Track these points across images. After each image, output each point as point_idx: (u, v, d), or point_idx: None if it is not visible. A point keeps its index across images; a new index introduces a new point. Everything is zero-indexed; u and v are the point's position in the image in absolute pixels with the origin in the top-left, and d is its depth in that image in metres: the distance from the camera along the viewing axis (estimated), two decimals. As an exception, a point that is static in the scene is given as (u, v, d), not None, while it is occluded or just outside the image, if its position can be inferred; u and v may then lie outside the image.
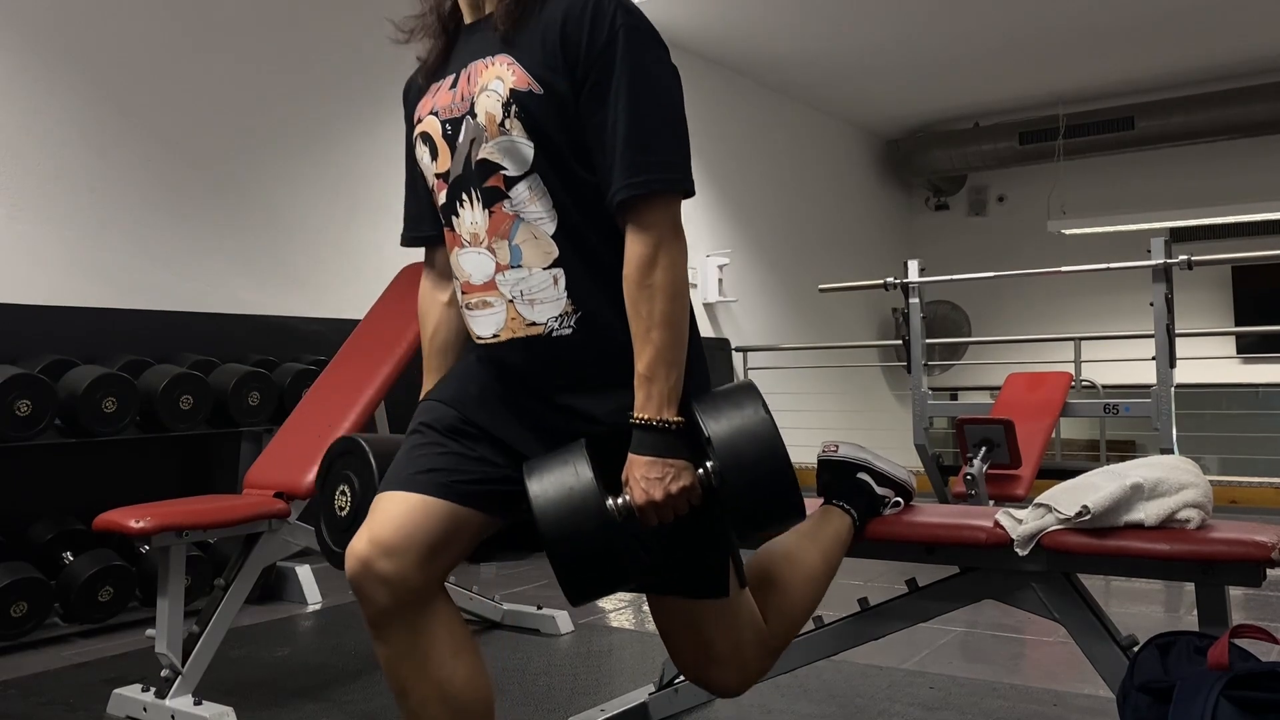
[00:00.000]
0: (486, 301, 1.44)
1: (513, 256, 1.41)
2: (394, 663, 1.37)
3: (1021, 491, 4.39)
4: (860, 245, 9.32)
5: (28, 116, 3.71)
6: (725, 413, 1.35)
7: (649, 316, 1.34)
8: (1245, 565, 1.54)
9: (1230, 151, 8.58)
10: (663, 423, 1.34)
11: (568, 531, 1.30)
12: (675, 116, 1.39)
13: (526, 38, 1.39)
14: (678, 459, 1.34)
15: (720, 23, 6.73)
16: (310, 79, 4.67)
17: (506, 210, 1.40)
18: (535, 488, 1.32)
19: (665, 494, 1.32)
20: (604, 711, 2.26)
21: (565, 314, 1.40)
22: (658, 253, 1.35)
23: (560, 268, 1.40)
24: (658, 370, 1.34)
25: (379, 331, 3.26)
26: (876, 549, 1.88)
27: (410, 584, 1.34)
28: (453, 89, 1.45)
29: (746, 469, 1.32)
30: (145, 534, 2.38)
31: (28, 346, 3.56)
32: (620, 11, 1.36)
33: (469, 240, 1.44)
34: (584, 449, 1.35)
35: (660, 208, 1.36)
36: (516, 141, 1.37)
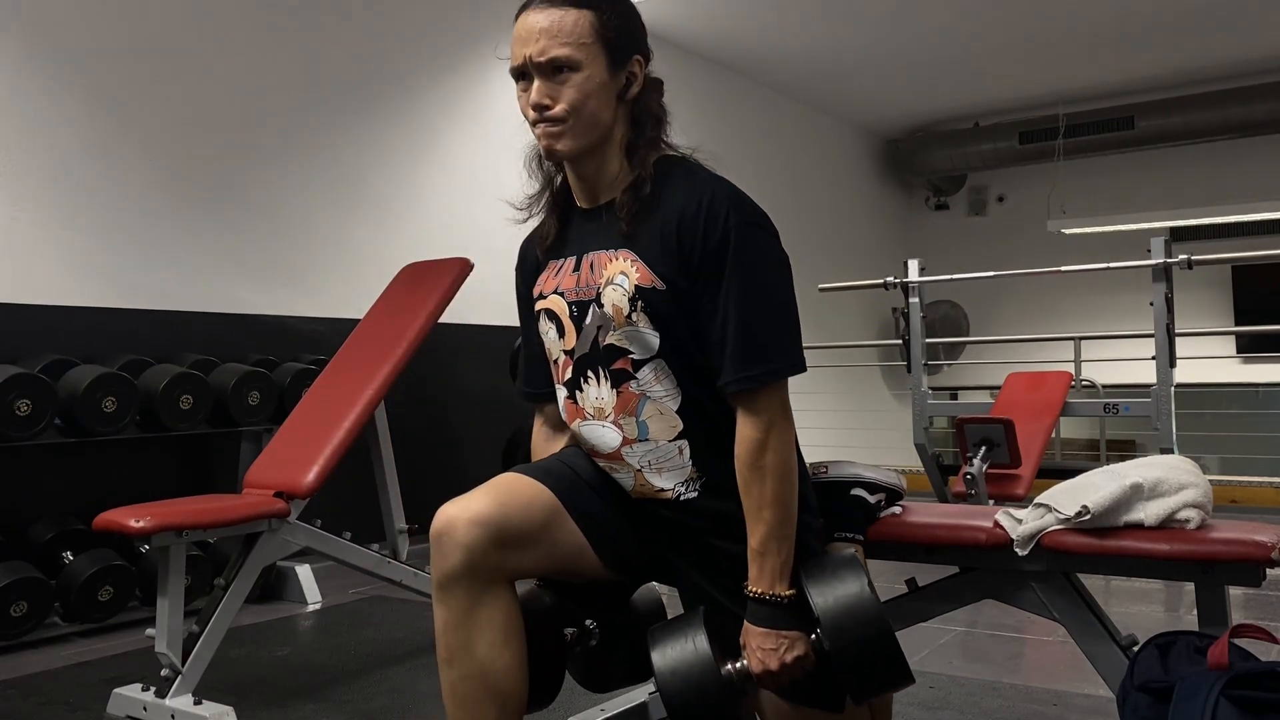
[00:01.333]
0: (613, 468, 1.55)
1: (640, 431, 1.51)
2: (448, 630, 1.43)
3: (1021, 491, 4.38)
4: (860, 245, 9.32)
5: (28, 117, 3.71)
6: (831, 588, 1.43)
7: (760, 496, 1.43)
8: (1245, 565, 1.53)
9: (1230, 151, 8.58)
10: (775, 597, 1.43)
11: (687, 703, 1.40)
12: (785, 306, 1.48)
13: (646, 233, 1.48)
14: (791, 630, 1.42)
15: (720, 23, 6.73)
16: (310, 79, 4.66)
17: (634, 390, 1.50)
18: (658, 658, 1.43)
19: (780, 664, 1.41)
20: (604, 711, 2.26)
21: (691, 479, 1.52)
22: (768, 437, 1.43)
23: (685, 439, 1.50)
24: (769, 546, 1.43)
25: (379, 331, 3.26)
26: (876, 549, 1.88)
27: (486, 559, 1.40)
28: (575, 272, 1.55)
29: (853, 645, 1.40)
30: (145, 534, 2.38)
31: (28, 346, 3.56)
32: (732, 211, 1.45)
33: (593, 414, 1.54)
34: (701, 618, 1.45)
35: (770, 394, 1.44)
36: (642, 331, 1.48)
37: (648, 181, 1.49)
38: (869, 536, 1.85)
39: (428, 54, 5.15)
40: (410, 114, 5.07)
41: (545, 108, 1.46)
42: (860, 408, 8.55)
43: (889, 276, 5.06)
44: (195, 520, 2.47)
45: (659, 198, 1.49)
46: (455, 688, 1.43)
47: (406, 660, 2.95)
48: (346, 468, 3.00)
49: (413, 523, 3.76)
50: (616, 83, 1.50)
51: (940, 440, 7.17)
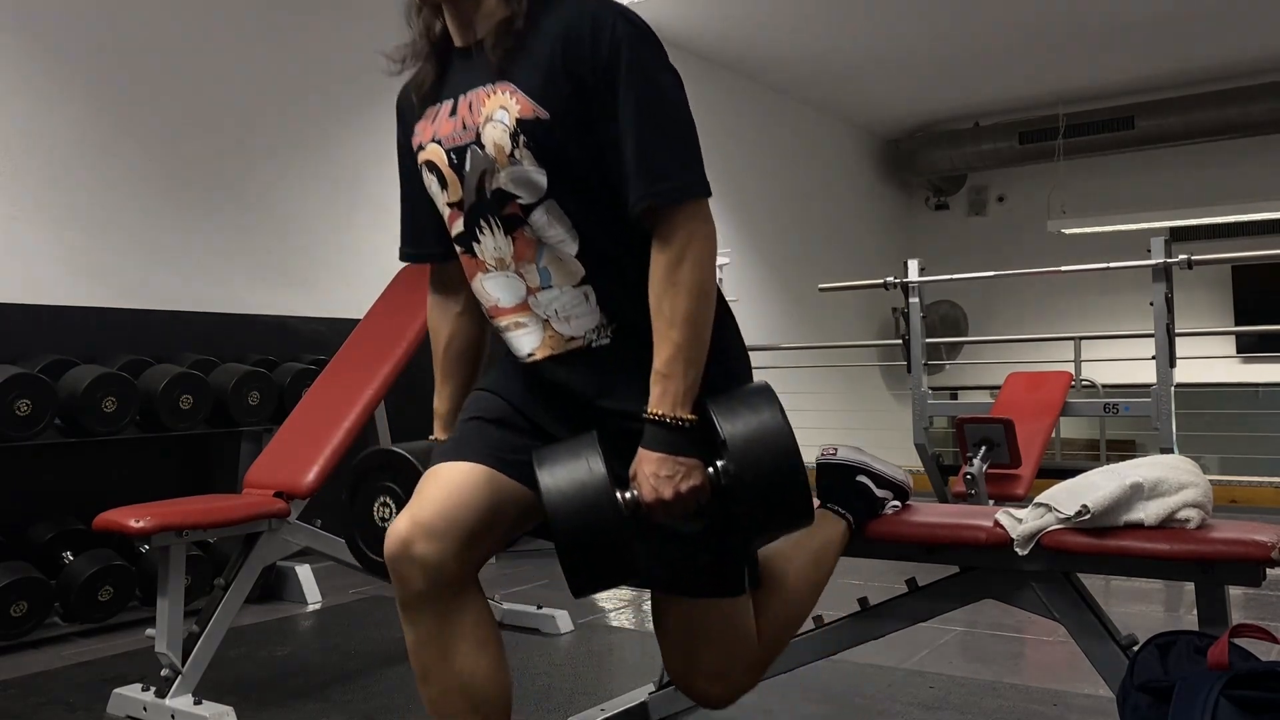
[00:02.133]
0: (520, 322, 1.46)
1: (542, 278, 1.42)
2: (420, 648, 1.39)
3: (1021, 491, 4.38)
4: (860, 245, 9.32)
5: (28, 117, 3.71)
6: (741, 415, 1.34)
7: (671, 313, 1.34)
8: (1245, 565, 1.53)
9: (1230, 151, 8.58)
10: (676, 420, 1.33)
11: (578, 525, 1.29)
12: (684, 121, 1.38)
13: (525, 62, 1.38)
14: (689, 457, 1.33)
15: (720, 23, 6.73)
16: (310, 79, 4.66)
17: (529, 235, 1.41)
18: (547, 479, 1.31)
19: (675, 492, 1.32)
20: (604, 711, 2.26)
21: (601, 325, 1.43)
22: (685, 252, 1.34)
23: (589, 284, 1.41)
24: (675, 367, 1.34)
25: (379, 331, 3.26)
26: (876, 549, 1.88)
27: (446, 570, 1.34)
28: (453, 116, 1.44)
29: (760, 473, 1.31)
30: (145, 534, 2.38)
31: (28, 346, 3.56)
32: (620, 21, 1.36)
33: (494, 265, 1.45)
34: (596, 440, 1.34)
35: (684, 211, 1.36)
36: (528, 170, 1.37)
37: (520, 15, 1.39)
38: (869, 533, 1.85)
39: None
40: (410, 114, 5.06)
41: None
42: (860, 408, 8.54)
43: (889, 276, 5.06)
44: (195, 520, 2.46)
45: (535, 24, 1.39)
46: (436, 703, 1.39)
47: (406, 660, 2.94)
48: (347, 468, 3.00)
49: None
50: None
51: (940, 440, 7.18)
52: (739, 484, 1.32)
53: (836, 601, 1.95)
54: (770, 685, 2.44)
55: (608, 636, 3.17)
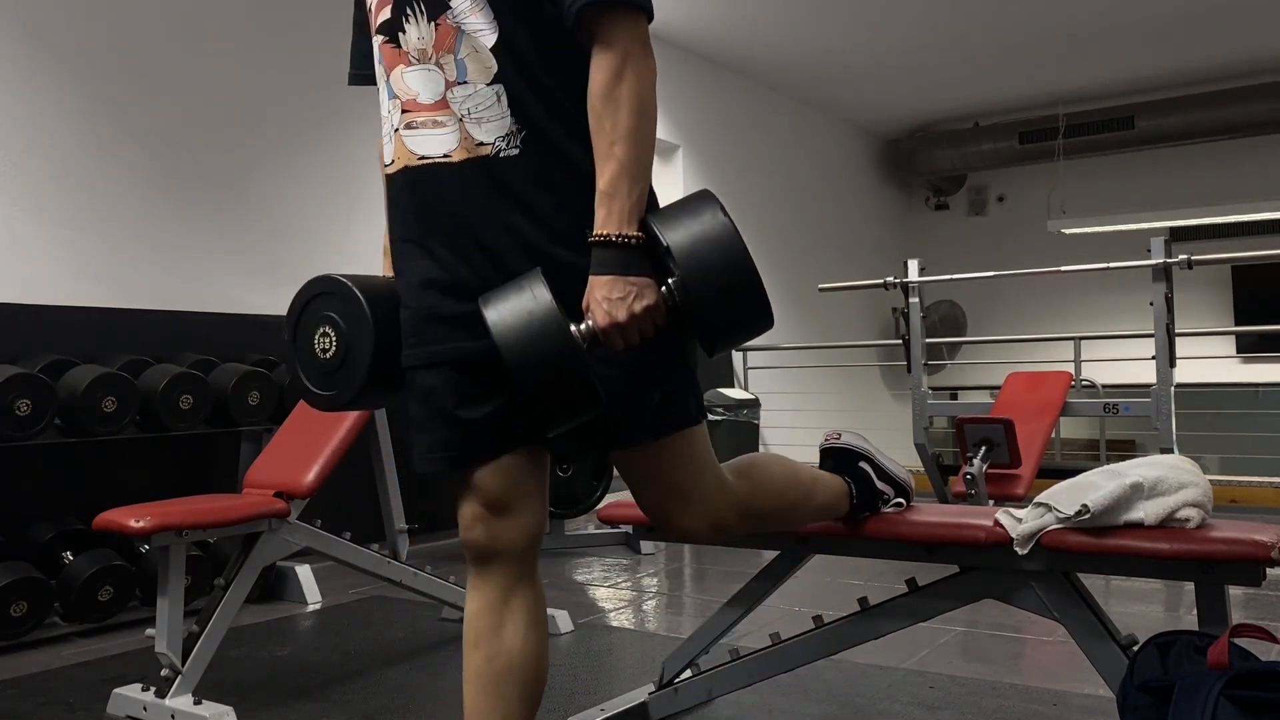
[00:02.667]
0: (438, 121, 1.39)
1: (459, 71, 1.37)
2: (479, 614, 1.44)
3: (1021, 491, 4.39)
4: (860, 245, 9.32)
5: (28, 117, 3.71)
6: (683, 221, 1.30)
7: (613, 130, 1.30)
8: (1245, 564, 1.54)
9: (1230, 151, 8.58)
10: (623, 238, 1.29)
11: (532, 358, 1.24)
12: None
13: None
14: (640, 276, 1.29)
15: (720, 23, 6.73)
16: (310, 80, 4.66)
17: (450, 21, 1.36)
18: (493, 316, 1.27)
19: (629, 314, 1.28)
20: (604, 711, 2.26)
21: (511, 133, 1.37)
22: (624, 67, 1.31)
23: (500, 83, 1.36)
24: (620, 185, 1.30)
25: (379, 331, 3.25)
26: (876, 549, 1.88)
27: (517, 544, 1.43)
28: None
29: (710, 274, 1.27)
30: (145, 533, 2.38)
31: (28, 346, 3.56)
32: None
33: (417, 57, 1.40)
34: (540, 274, 1.29)
35: (625, 23, 1.32)
36: None
37: None
38: (869, 533, 1.85)
39: None
40: (410, 114, 5.06)
41: None
42: (860, 408, 8.54)
43: (889, 276, 5.06)
44: (195, 520, 2.47)
45: None
46: (480, 669, 1.44)
47: (406, 660, 2.96)
48: (346, 468, 3.00)
49: (413, 523, 3.76)
50: None
51: (940, 440, 7.18)
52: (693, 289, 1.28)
53: (837, 602, 1.95)
54: (771, 684, 2.44)
55: (608, 636, 3.17)
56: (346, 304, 1.54)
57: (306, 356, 1.60)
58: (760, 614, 2.32)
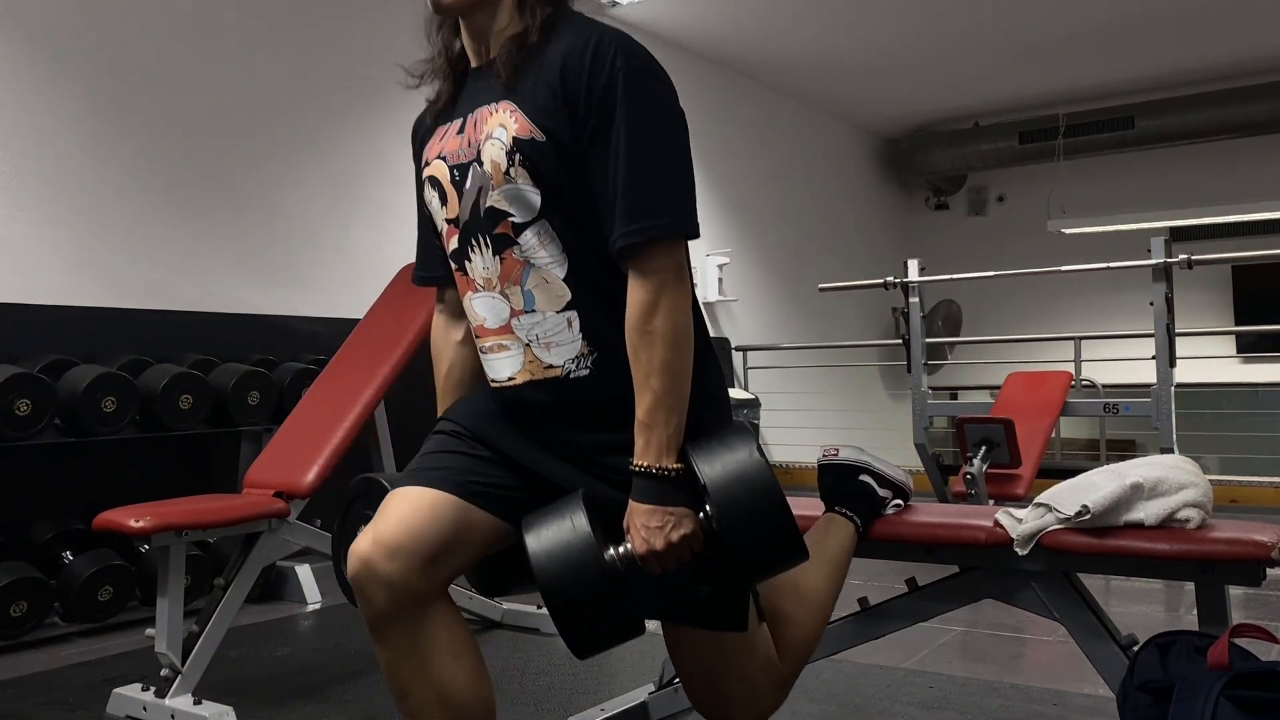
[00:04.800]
0: (503, 345, 1.46)
1: (526, 301, 1.42)
2: (394, 665, 1.37)
3: (1021, 491, 4.38)
4: (860, 245, 9.32)
5: (28, 117, 3.71)
6: (719, 456, 1.34)
7: (648, 363, 1.34)
8: (1245, 565, 1.54)
9: (1230, 151, 8.58)
10: (661, 470, 1.34)
11: (565, 586, 1.29)
12: (677, 159, 1.37)
13: (529, 83, 1.39)
14: (678, 506, 1.33)
15: (720, 23, 6.73)
16: (310, 79, 4.66)
17: (517, 256, 1.40)
18: (533, 543, 1.32)
19: (666, 543, 1.32)
20: (604, 711, 2.26)
21: (581, 355, 1.42)
22: (659, 299, 1.34)
23: (573, 310, 1.41)
24: (656, 416, 1.34)
25: (378, 331, 3.26)
26: (876, 549, 1.88)
27: (412, 587, 1.33)
28: (460, 134, 1.46)
29: (743, 516, 1.31)
30: (145, 533, 2.38)
31: (28, 346, 3.56)
32: (620, 53, 1.35)
33: (482, 285, 1.45)
34: (581, 500, 1.35)
35: (661, 253, 1.35)
36: (522, 189, 1.38)
37: (534, 30, 1.39)
38: (869, 533, 1.85)
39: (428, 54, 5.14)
40: (410, 114, 5.03)
41: None
42: (860, 408, 8.54)
43: (889, 276, 5.06)
44: (195, 520, 2.46)
45: (547, 42, 1.39)
46: (417, 718, 1.38)
47: (406, 660, 2.95)
48: (346, 468, 3.00)
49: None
50: None
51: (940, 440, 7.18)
52: (725, 527, 1.32)
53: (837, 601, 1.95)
54: (770, 685, 2.44)
55: (608, 636, 3.17)
56: None
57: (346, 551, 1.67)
58: (760, 614, 2.32)
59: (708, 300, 7.08)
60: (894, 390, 9.07)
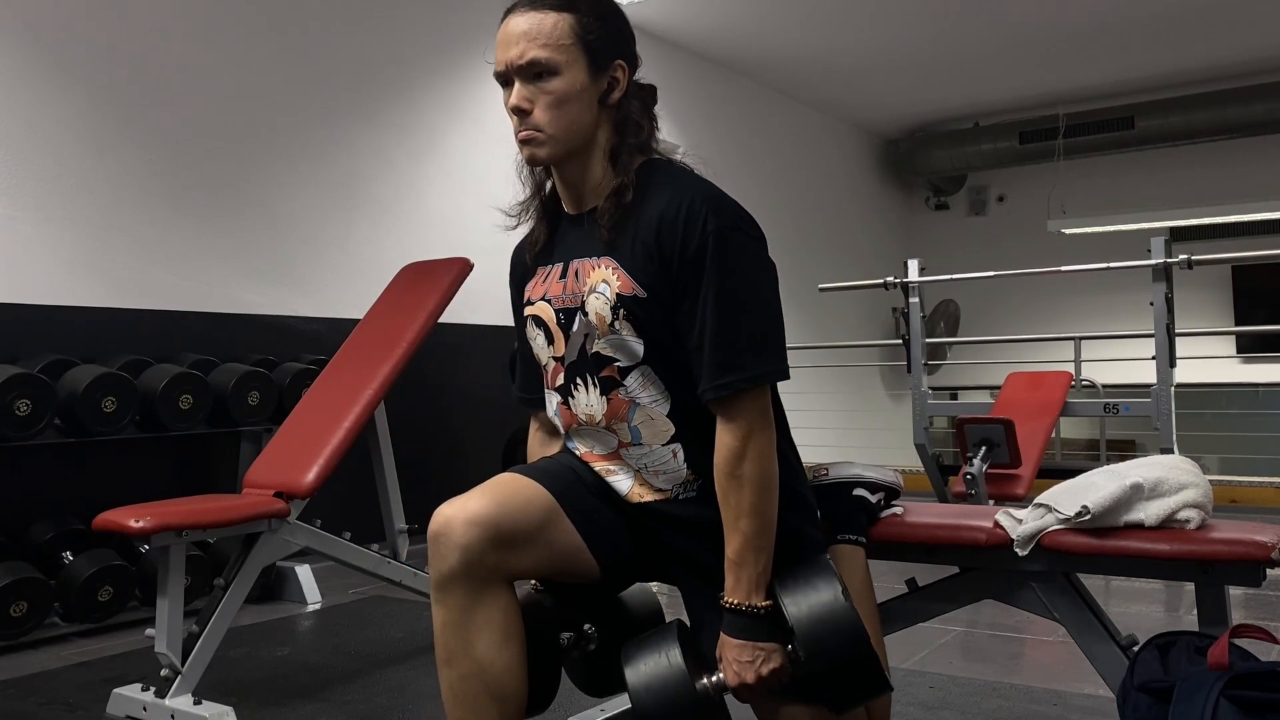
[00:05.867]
0: (611, 470, 1.55)
1: (633, 436, 1.51)
2: (446, 629, 1.42)
3: (1021, 491, 4.38)
4: (860, 245, 9.32)
5: (28, 117, 3.71)
6: (804, 596, 1.41)
7: (738, 506, 1.41)
8: (1245, 565, 1.53)
9: (1230, 151, 8.58)
10: (751, 608, 1.41)
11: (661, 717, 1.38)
12: (764, 308, 1.44)
13: (627, 239, 1.47)
14: (767, 642, 1.41)
15: (720, 23, 6.73)
16: (310, 79, 4.66)
17: (623, 396, 1.50)
18: (631, 676, 1.41)
19: (757, 676, 1.39)
20: (604, 711, 2.26)
21: (688, 481, 1.51)
22: (745, 446, 1.41)
23: (678, 443, 1.50)
24: (746, 556, 1.41)
25: (379, 331, 3.26)
26: (877, 549, 1.88)
27: (484, 559, 1.39)
28: (562, 279, 1.54)
29: (827, 655, 1.38)
30: (145, 534, 2.38)
31: (28, 346, 3.56)
32: (711, 216, 1.42)
33: (585, 420, 1.54)
34: (675, 633, 1.44)
35: (745, 402, 1.42)
36: (626, 339, 1.47)
37: (629, 188, 1.47)
38: (871, 537, 1.85)
39: (428, 54, 5.15)
40: (410, 114, 5.07)
41: (524, 112, 1.46)
42: (860, 408, 8.54)
43: (889, 276, 5.06)
44: (195, 520, 2.46)
45: (641, 203, 1.47)
46: (454, 687, 1.42)
47: (406, 660, 2.95)
48: (346, 468, 3.00)
49: (413, 523, 3.76)
50: (598, 87, 1.48)
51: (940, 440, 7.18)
52: (813, 667, 1.39)
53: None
54: (770, 685, 2.44)
55: (608, 636, 3.17)
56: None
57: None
58: (760, 614, 2.32)
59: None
60: (894, 390, 9.07)
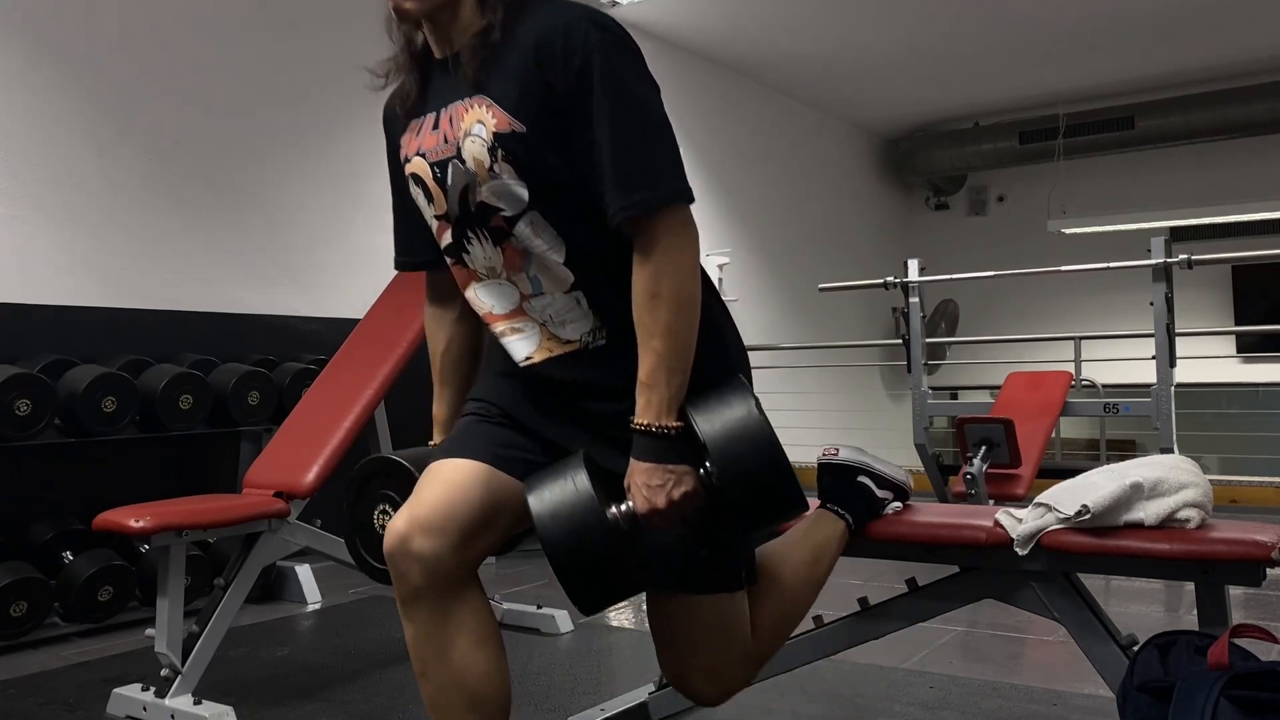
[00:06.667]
0: (516, 328, 1.47)
1: (534, 286, 1.44)
2: (418, 643, 1.40)
3: (1021, 491, 4.39)
4: (860, 245, 9.32)
5: (28, 117, 3.71)
6: (717, 413, 1.35)
7: (651, 325, 1.35)
8: (1245, 565, 1.53)
9: (1230, 151, 8.58)
10: (661, 429, 1.35)
11: (568, 544, 1.30)
12: (660, 128, 1.37)
13: (500, 75, 1.38)
14: (678, 465, 1.35)
15: (720, 23, 6.73)
16: (310, 79, 4.66)
17: (515, 247, 1.42)
18: (535, 503, 1.33)
19: (667, 500, 1.33)
20: (604, 711, 2.26)
21: (596, 328, 1.44)
22: (662, 264, 1.35)
23: (580, 290, 1.43)
24: (658, 377, 1.35)
25: (378, 331, 3.26)
26: (876, 549, 1.88)
27: (444, 565, 1.35)
28: (435, 130, 1.45)
29: (742, 470, 1.32)
30: (145, 534, 2.38)
31: (28, 346, 3.56)
32: (592, 30, 1.35)
33: (485, 274, 1.47)
34: (582, 460, 1.36)
35: (662, 221, 1.36)
36: (508, 183, 1.38)
37: (496, 27, 1.38)
38: (869, 533, 1.85)
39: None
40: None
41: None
42: (860, 408, 8.54)
43: (889, 276, 5.06)
44: (195, 520, 2.46)
45: (514, 33, 1.38)
46: (434, 700, 1.40)
47: (406, 660, 2.94)
48: (347, 468, 3.00)
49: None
50: None
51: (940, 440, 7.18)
52: (725, 483, 1.33)
53: (836, 601, 1.95)
54: (770, 685, 2.44)
55: (608, 636, 3.17)
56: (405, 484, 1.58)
57: (366, 533, 1.67)
58: (760, 614, 2.32)
59: (708, 300, 7.06)
60: (894, 390, 9.07)
